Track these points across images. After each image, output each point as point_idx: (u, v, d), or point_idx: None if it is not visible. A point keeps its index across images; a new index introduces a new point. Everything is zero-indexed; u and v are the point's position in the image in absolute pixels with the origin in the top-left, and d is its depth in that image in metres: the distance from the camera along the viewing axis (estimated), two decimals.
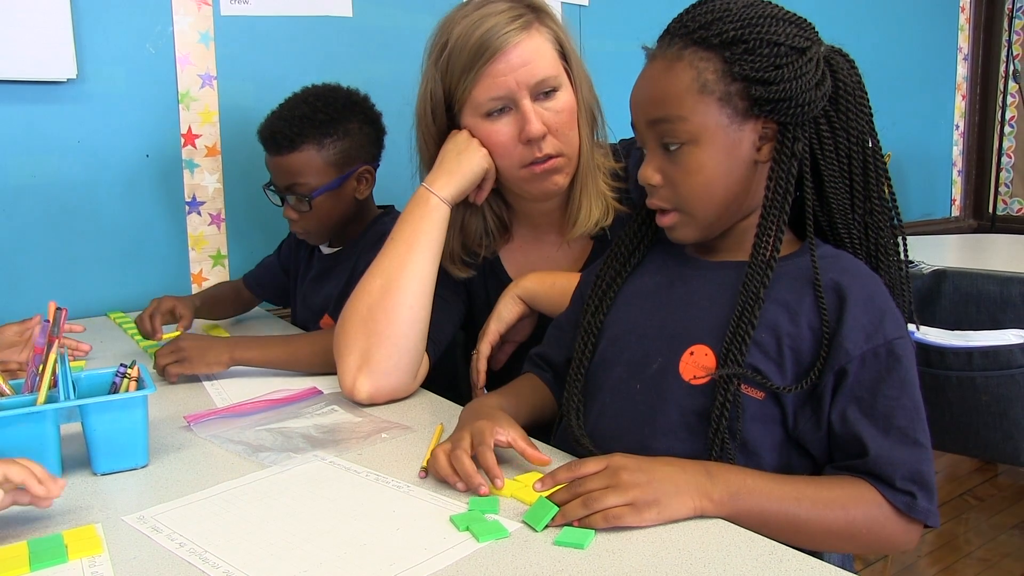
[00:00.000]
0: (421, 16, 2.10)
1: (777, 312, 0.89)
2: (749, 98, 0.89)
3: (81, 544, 0.77)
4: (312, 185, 1.52)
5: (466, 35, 1.17)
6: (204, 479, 0.93)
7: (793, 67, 0.88)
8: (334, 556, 0.75)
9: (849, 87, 0.92)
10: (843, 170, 0.93)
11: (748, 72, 0.89)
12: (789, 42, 0.89)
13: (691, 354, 0.91)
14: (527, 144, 1.20)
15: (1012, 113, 3.58)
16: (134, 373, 0.99)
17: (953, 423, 1.64)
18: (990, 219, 3.60)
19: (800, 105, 0.89)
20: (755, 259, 0.91)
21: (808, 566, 0.71)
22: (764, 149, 0.92)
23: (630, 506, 0.77)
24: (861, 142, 0.93)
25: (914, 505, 0.84)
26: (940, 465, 3.02)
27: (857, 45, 0.99)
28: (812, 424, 0.88)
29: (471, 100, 1.20)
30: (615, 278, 1.03)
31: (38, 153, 1.73)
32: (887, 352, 0.85)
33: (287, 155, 1.53)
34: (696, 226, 0.95)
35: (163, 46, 1.83)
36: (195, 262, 1.93)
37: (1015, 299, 1.67)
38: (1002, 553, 2.44)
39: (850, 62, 0.94)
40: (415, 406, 1.18)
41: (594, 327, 1.01)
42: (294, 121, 1.52)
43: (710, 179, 0.92)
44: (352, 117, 1.56)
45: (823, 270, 0.90)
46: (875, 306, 0.88)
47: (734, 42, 0.89)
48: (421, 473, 0.93)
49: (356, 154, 1.56)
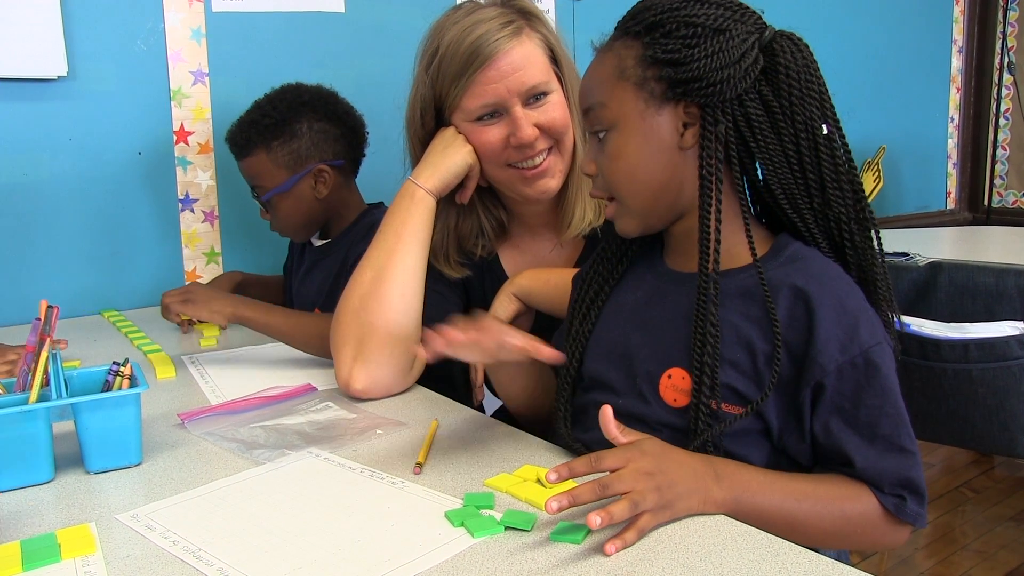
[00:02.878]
0: (413, 12, 2.09)
1: (750, 329, 0.87)
2: (663, 80, 0.89)
3: (74, 543, 0.77)
4: (266, 187, 1.57)
5: (457, 42, 1.18)
6: (198, 477, 0.93)
7: (706, 46, 0.87)
8: (328, 553, 0.75)
9: (792, 70, 0.88)
10: (789, 158, 0.90)
11: (660, 55, 0.88)
12: (708, 23, 0.87)
13: (669, 377, 0.90)
14: (517, 148, 1.21)
15: (1007, 105, 3.58)
16: (127, 371, 0.99)
17: (949, 415, 1.64)
18: (985, 211, 3.59)
19: (713, 84, 0.87)
20: (702, 266, 0.89)
21: (806, 559, 0.71)
22: (688, 134, 0.90)
23: (651, 512, 0.76)
24: (809, 128, 0.89)
25: (903, 508, 0.84)
26: (936, 458, 3.02)
27: (852, 38, 0.99)
28: (796, 436, 0.87)
29: (461, 106, 1.21)
30: (599, 292, 1.02)
31: (29, 151, 1.72)
32: (864, 361, 0.83)
33: (242, 160, 1.60)
34: (632, 215, 0.95)
35: (154, 43, 1.82)
36: (188, 259, 1.92)
37: (1010, 291, 1.67)
38: (998, 545, 2.44)
39: (798, 44, 0.90)
40: (410, 402, 1.18)
41: (580, 340, 1.01)
42: (244, 126, 1.57)
43: (632, 164, 0.91)
44: (300, 117, 1.56)
45: (788, 275, 0.88)
46: (847, 313, 0.85)
47: (653, 27, 0.89)
48: (416, 469, 0.92)
49: (308, 154, 1.57)
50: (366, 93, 1.62)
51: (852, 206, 0.91)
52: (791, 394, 0.86)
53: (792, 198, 0.91)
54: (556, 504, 0.74)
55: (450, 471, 0.92)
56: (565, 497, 0.74)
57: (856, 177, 0.91)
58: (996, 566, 2.33)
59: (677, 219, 0.95)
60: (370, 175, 1.68)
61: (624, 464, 0.78)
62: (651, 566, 0.71)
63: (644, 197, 0.93)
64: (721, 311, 0.88)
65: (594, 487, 0.76)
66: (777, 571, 0.69)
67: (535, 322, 1.31)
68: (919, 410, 0.88)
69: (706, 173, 0.89)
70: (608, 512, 0.73)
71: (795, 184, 0.91)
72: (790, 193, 0.91)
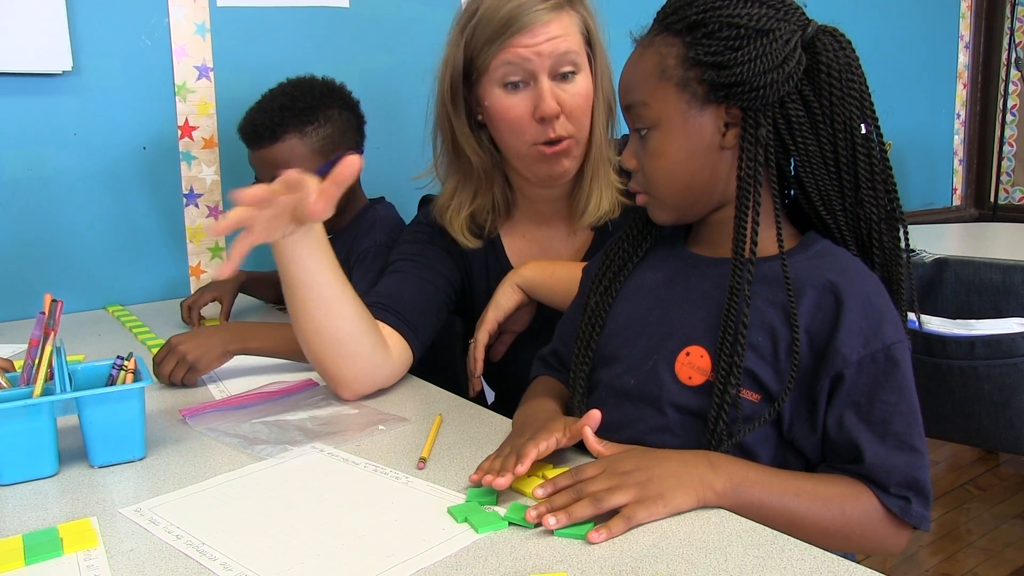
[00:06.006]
0: (416, 6, 2.09)
1: (774, 314, 0.87)
2: (706, 83, 0.88)
3: (76, 537, 0.77)
4: None
5: (496, 6, 1.18)
6: (202, 471, 0.93)
7: (749, 49, 0.86)
8: (332, 547, 0.74)
9: (833, 69, 0.87)
10: (826, 158, 0.89)
11: (702, 57, 0.87)
12: (752, 23, 0.86)
13: (687, 355, 0.90)
14: (540, 122, 1.20)
15: (1014, 102, 3.56)
16: (131, 365, 0.99)
17: (955, 412, 1.64)
18: (992, 208, 3.58)
19: (756, 89, 0.86)
20: (736, 253, 0.89)
21: (811, 555, 0.71)
22: (729, 134, 0.90)
23: (639, 503, 0.76)
24: (848, 128, 0.89)
25: (908, 509, 0.83)
26: (942, 455, 3.01)
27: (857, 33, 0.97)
28: (807, 427, 0.86)
29: (491, 70, 1.20)
30: (619, 272, 1.02)
31: (34, 146, 1.72)
32: (885, 357, 0.84)
33: (270, 147, 1.53)
34: (665, 209, 0.95)
35: (159, 38, 1.82)
36: (193, 255, 1.92)
37: (1017, 287, 1.66)
38: (1004, 543, 2.44)
39: (840, 42, 0.89)
40: (412, 397, 1.17)
41: (599, 319, 1.00)
42: (274, 112, 1.52)
43: (673, 164, 0.91)
44: (332, 104, 1.55)
45: (819, 267, 0.88)
46: (874, 309, 0.85)
47: (695, 26, 0.88)
48: (420, 464, 0.92)
49: (339, 140, 1.56)
50: (370, 87, 1.62)
51: (884, 206, 0.91)
52: (808, 384, 0.85)
53: (825, 196, 0.91)
54: (535, 513, 0.76)
55: (454, 466, 0.92)
56: (543, 505, 0.77)
57: (890, 176, 0.91)
58: (1002, 563, 2.33)
59: (711, 211, 0.95)
60: (374, 168, 1.68)
61: (602, 471, 0.80)
62: (655, 561, 0.70)
63: (680, 194, 0.93)
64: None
65: (569, 492, 0.79)
66: (782, 567, 0.69)
67: (536, 314, 1.30)
68: (925, 407, 0.87)
69: (745, 175, 0.89)
70: (567, 512, 0.76)
71: (830, 183, 0.91)
72: (824, 191, 0.91)
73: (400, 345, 1.19)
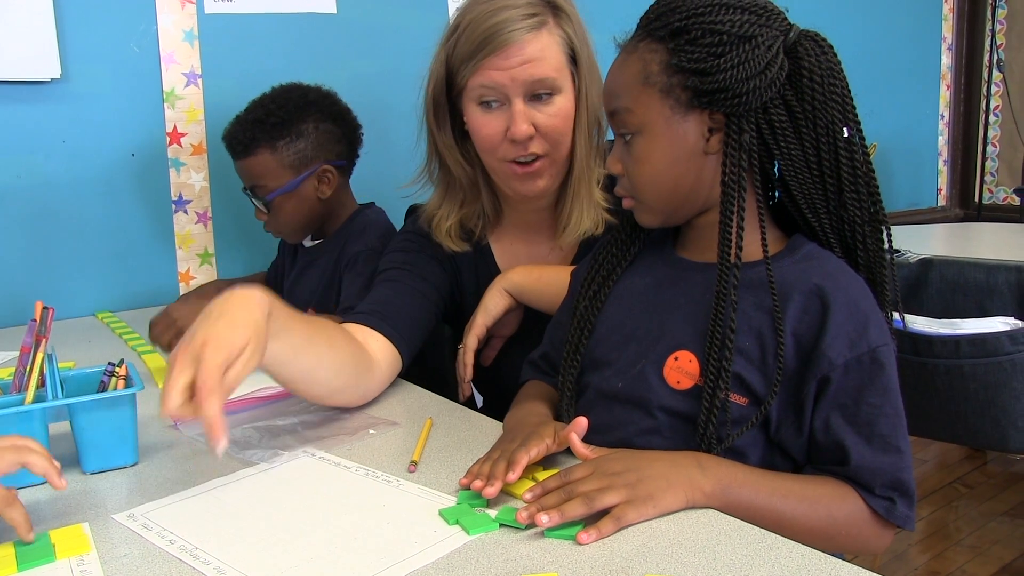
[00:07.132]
0: (405, 12, 2.10)
1: (761, 319, 0.88)
2: (689, 89, 0.89)
3: (68, 543, 0.77)
4: (270, 187, 1.54)
5: (476, 22, 1.17)
6: (194, 477, 0.93)
7: (732, 56, 0.86)
8: (324, 551, 0.75)
9: (816, 73, 0.88)
10: (809, 162, 0.90)
11: (685, 63, 0.88)
12: (734, 30, 0.87)
13: (675, 359, 0.91)
14: (512, 143, 1.20)
15: (997, 103, 3.59)
16: (122, 372, 0.99)
17: (941, 411, 1.65)
18: (976, 208, 3.61)
19: (739, 95, 0.87)
20: (722, 257, 0.89)
21: (799, 554, 0.71)
22: (713, 140, 0.91)
23: (628, 503, 0.77)
24: (830, 132, 0.89)
25: (893, 510, 0.84)
26: (929, 454, 3.03)
27: (842, 36, 0.99)
28: (794, 430, 0.87)
29: (468, 88, 1.20)
30: (608, 276, 1.03)
31: (23, 153, 1.72)
32: (871, 360, 0.85)
33: (243, 159, 1.55)
34: (651, 212, 0.96)
35: (147, 45, 1.82)
36: (182, 261, 1.92)
37: (1001, 287, 1.68)
38: (992, 540, 2.45)
39: (822, 46, 0.89)
40: (403, 401, 1.18)
41: (588, 323, 1.01)
42: (247, 125, 1.54)
43: (657, 169, 0.92)
44: (306, 117, 1.55)
45: (805, 271, 0.89)
46: (859, 312, 0.86)
47: (679, 32, 0.89)
48: (411, 467, 0.93)
49: (313, 154, 1.55)
50: (358, 94, 1.62)
51: (868, 208, 0.92)
52: (795, 386, 0.86)
53: (810, 199, 0.92)
54: (526, 514, 0.77)
55: (445, 469, 0.93)
56: (533, 506, 0.78)
57: (873, 179, 0.92)
58: (990, 561, 2.34)
59: (697, 214, 0.96)
60: (362, 175, 1.68)
61: (592, 472, 0.81)
62: (645, 561, 0.71)
63: (664, 199, 0.94)
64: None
65: (560, 492, 0.79)
66: (771, 566, 0.70)
67: (525, 318, 1.31)
68: (911, 406, 0.88)
69: (729, 180, 0.90)
70: (559, 511, 0.76)
71: (813, 186, 0.91)
72: (808, 195, 0.92)
73: (391, 355, 1.19)
